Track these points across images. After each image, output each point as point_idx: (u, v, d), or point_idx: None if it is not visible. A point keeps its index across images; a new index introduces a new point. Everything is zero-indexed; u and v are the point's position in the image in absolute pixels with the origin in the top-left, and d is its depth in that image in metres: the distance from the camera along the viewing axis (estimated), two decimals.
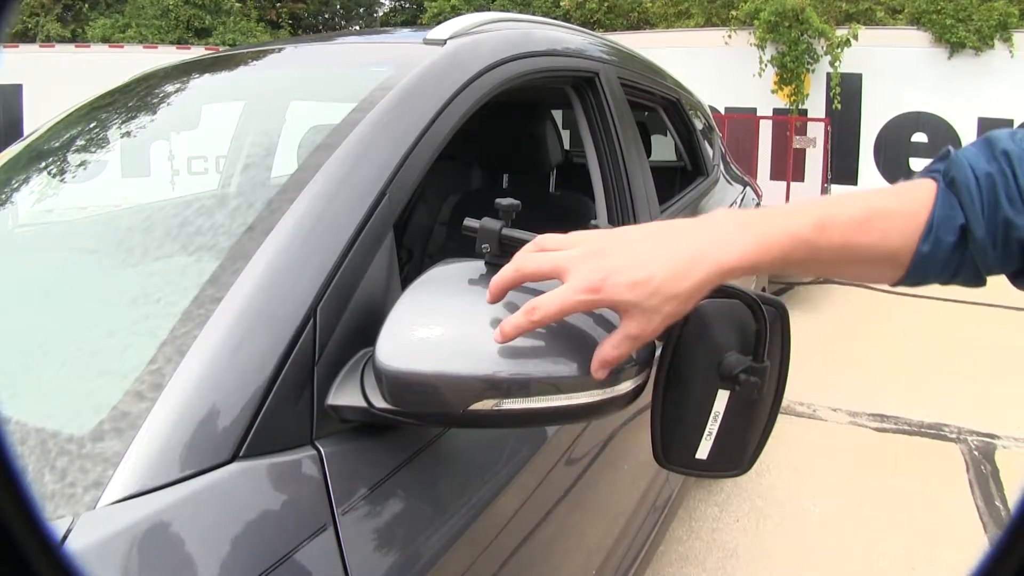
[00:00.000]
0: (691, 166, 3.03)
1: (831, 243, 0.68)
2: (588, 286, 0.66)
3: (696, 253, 0.66)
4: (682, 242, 0.67)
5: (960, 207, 0.67)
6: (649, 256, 0.67)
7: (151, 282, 0.95)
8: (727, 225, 0.68)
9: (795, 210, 0.69)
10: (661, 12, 12.37)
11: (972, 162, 0.68)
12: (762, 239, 0.67)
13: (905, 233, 0.68)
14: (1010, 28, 8.56)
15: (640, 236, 0.70)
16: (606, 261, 0.67)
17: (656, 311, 0.66)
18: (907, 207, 0.69)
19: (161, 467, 0.68)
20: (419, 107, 1.09)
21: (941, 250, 0.68)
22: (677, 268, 0.66)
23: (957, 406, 3.74)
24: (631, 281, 0.66)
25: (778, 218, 0.68)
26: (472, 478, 0.98)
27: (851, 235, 0.68)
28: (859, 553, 2.56)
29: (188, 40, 13.39)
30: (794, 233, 0.67)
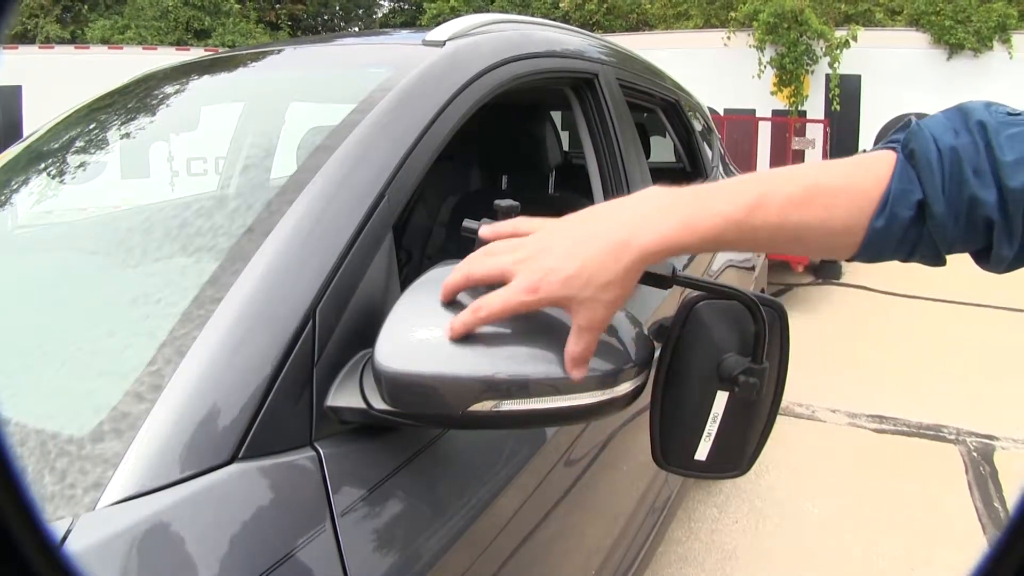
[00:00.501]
0: (690, 167, 3.03)
1: (767, 222, 0.66)
2: (527, 287, 0.68)
3: (621, 238, 0.67)
4: (609, 228, 0.68)
5: (919, 181, 0.65)
6: (579, 249, 0.68)
7: (150, 283, 0.95)
8: (651, 206, 0.68)
9: (733, 187, 0.68)
10: (660, 13, 12.38)
11: (936, 134, 0.66)
12: (687, 220, 0.66)
13: (854, 209, 0.66)
14: (1009, 29, 8.57)
15: (574, 228, 0.71)
16: (543, 260, 0.68)
17: (595, 300, 0.68)
18: (858, 182, 0.67)
19: (160, 468, 0.68)
20: (418, 108, 1.09)
21: (896, 225, 0.66)
22: (604, 256, 0.67)
23: (956, 407, 3.74)
24: (563, 277, 0.67)
25: (710, 198, 0.67)
26: (471, 479, 0.98)
27: (789, 213, 0.66)
28: (858, 554, 2.57)
29: (187, 41, 13.39)
30: (725, 214, 0.66)
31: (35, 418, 0.75)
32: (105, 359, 0.85)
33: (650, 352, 0.84)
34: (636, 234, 0.67)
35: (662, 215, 0.67)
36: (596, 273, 0.67)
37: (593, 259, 0.67)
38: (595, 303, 0.68)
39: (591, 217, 0.71)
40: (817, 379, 4.00)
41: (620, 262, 0.67)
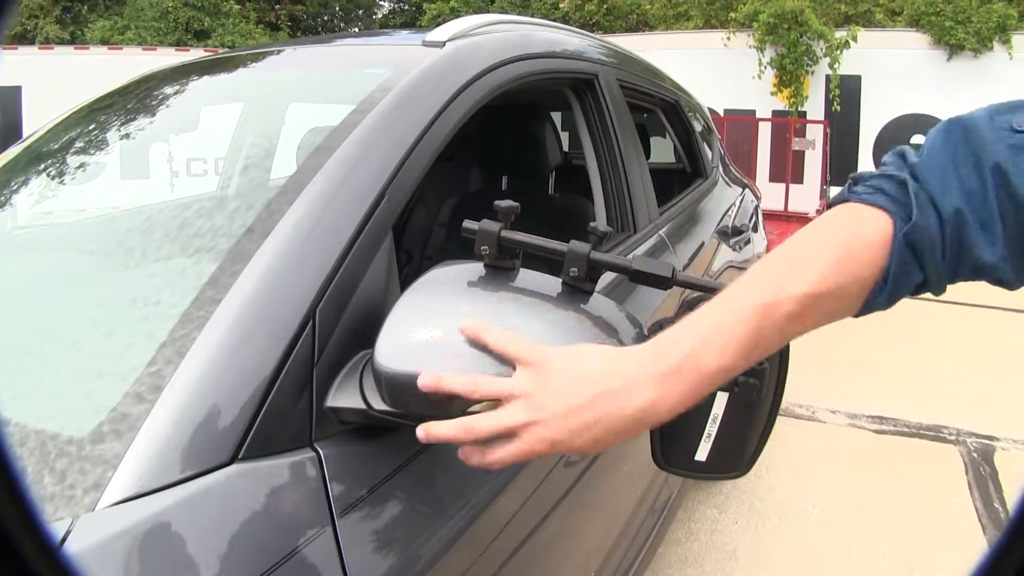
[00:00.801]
0: (690, 168, 3.03)
1: (768, 349, 0.66)
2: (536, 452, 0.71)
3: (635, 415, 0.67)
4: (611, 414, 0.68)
5: (919, 267, 0.63)
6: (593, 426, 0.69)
7: (150, 284, 0.95)
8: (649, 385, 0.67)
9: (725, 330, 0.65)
10: (660, 14, 12.38)
11: (936, 194, 0.62)
12: (689, 392, 0.67)
13: (852, 303, 0.66)
14: (1009, 30, 8.57)
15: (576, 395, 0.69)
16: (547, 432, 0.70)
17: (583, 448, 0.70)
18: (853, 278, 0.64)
19: (160, 469, 0.68)
20: (418, 109, 1.09)
21: (896, 297, 0.66)
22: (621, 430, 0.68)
23: (956, 408, 3.74)
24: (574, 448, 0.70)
25: (706, 356, 0.66)
26: (471, 480, 0.98)
27: (787, 331, 0.65)
28: (858, 554, 2.56)
29: (187, 42, 13.40)
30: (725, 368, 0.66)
31: (35, 419, 0.75)
32: (105, 360, 0.85)
33: None
34: (651, 411, 0.67)
35: (661, 394, 0.67)
36: (604, 441, 0.69)
37: (609, 434, 0.68)
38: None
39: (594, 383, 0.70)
40: (817, 380, 4.00)
41: (630, 432, 0.69)
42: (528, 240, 0.83)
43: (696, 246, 2.19)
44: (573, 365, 0.71)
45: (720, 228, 2.57)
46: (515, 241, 0.82)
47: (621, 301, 0.97)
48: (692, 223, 2.34)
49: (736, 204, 2.96)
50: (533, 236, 0.84)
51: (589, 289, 0.84)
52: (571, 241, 0.83)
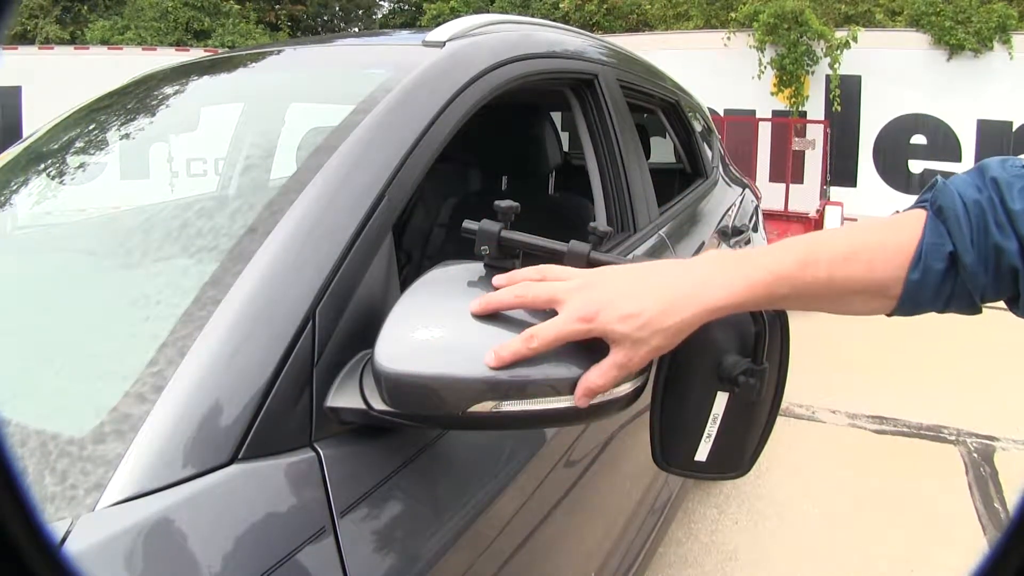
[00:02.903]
0: (690, 168, 3.03)
1: (816, 278, 0.71)
2: (582, 315, 0.70)
3: (686, 291, 0.70)
4: (673, 280, 0.71)
5: (948, 234, 0.70)
6: (641, 291, 0.70)
7: (150, 284, 0.95)
8: (715, 267, 0.72)
9: (781, 248, 0.73)
10: (660, 14, 12.37)
11: (960, 190, 0.71)
12: (747, 279, 0.70)
13: (892, 264, 0.70)
14: (1009, 30, 8.57)
15: (633, 273, 0.73)
16: (599, 293, 0.71)
17: (644, 343, 0.70)
18: (894, 239, 0.71)
19: (160, 469, 0.68)
20: (418, 109, 1.09)
21: (931, 277, 0.70)
22: (667, 304, 0.69)
23: (956, 408, 3.74)
24: (623, 313, 0.69)
25: (763, 257, 0.72)
26: (471, 480, 0.98)
27: (836, 269, 0.70)
28: (858, 555, 2.56)
29: (187, 42, 13.39)
30: (778, 272, 0.70)
31: (35, 419, 0.75)
32: (105, 360, 0.85)
33: None
34: (701, 290, 0.70)
35: (726, 275, 0.71)
36: (656, 318, 0.69)
37: (655, 304, 0.69)
38: (643, 345, 0.70)
39: (651, 268, 0.74)
40: (817, 380, 4.00)
41: (680, 313, 0.70)
42: (528, 240, 0.83)
43: (696, 246, 2.19)
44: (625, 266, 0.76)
45: (720, 228, 2.57)
46: (515, 241, 0.82)
47: None
48: (692, 223, 2.34)
49: (736, 204, 2.96)
50: (533, 236, 0.84)
51: None
52: (571, 241, 0.83)
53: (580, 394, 0.73)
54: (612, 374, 0.71)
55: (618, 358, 0.71)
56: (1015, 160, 0.72)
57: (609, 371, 0.71)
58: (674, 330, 0.70)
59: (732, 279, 0.70)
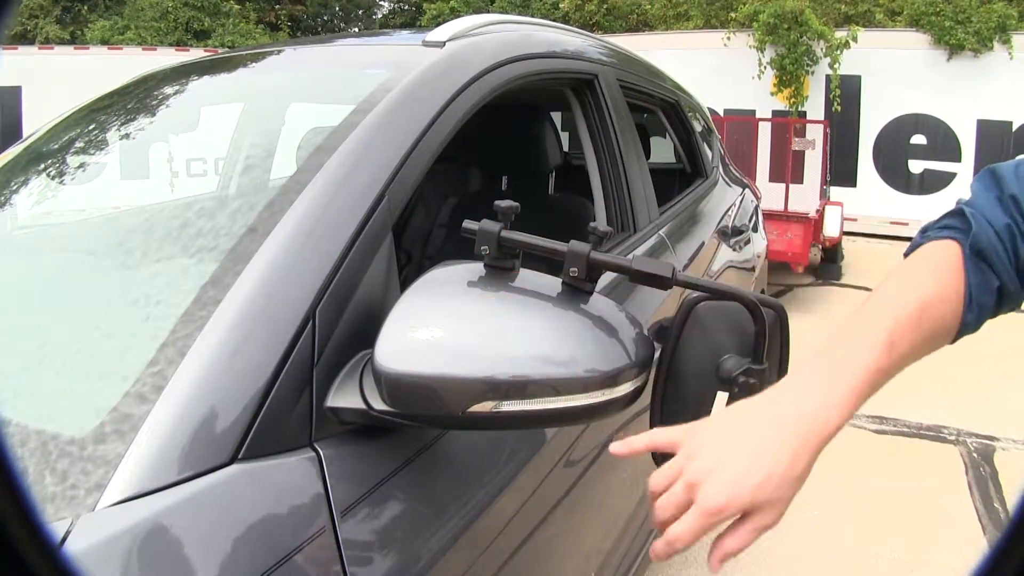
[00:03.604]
0: (690, 168, 3.03)
1: (901, 355, 0.71)
2: (714, 509, 0.66)
3: (803, 432, 0.67)
4: (786, 426, 0.67)
5: (993, 271, 0.74)
6: (762, 453, 0.67)
7: (150, 284, 0.95)
8: (818, 391, 0.69)
9: (864, 333, 0.71)
10: (660, 14, 12.36)
11: (990, 217, 0.74)
12: (851, 390, 0.69)
13: (950, 313, 0.74)
14: (1009, 30, 8.55)
15: (745, 431, 0.69)
16: (722, 477, 0.67)
17: (782, 500, 0.67)
18: (947, 287, 0.74)
19: (160, 469, 0.68)
20: (418, 109, 1.09)
21: (984, 312, 0.75)
22: (788, 455, 0.66)
23: (956, 408, 3.74)
24: (755, 484, 0.66)
25: (855, 355, 0.70)
26: (471, 480, 0.98)
27: (913, 337, 0.72)
28: (858, 555, 2.56)
29: (187, 42, 13.37)
30: (873, 367, 0.70)
31: (35, 419, 0.75)
32: (105, 360, 0.85)
33: (650, 353, 0.85)
34: (814, 425, 0.67)
35: (830, 396, 0.68)
36: (785, 474, 0.66)
37: (782, 459, 0.66)
38: (782, 502, 0.67)
39: (754, 416, 0.70)
40: None
41: (805, 457, 0.67)
42: (528, 240, 0.83)
43: (696, 246, 2.19)
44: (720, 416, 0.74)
45: (720, 228, 2.57)
46: (515, 241, 0.82)
47: (621, 301, 0.97)
48: (692, 223, 2.34)
49: (736, 204, 2.96)
50: (533, 236, 0.84)
51: (589, 289, 0.84)
52: (571, 241, 0.83)
53: (717, 560, 0.70)
54: (750, 538, 0.68)
55: (763, 521, 0.67)
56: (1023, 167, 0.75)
57: (748, 535, 0.68)
58: (804, 473, 0.68)
59: (841, 396, 0.68)
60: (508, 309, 0.82)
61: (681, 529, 0.68)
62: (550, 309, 0.82)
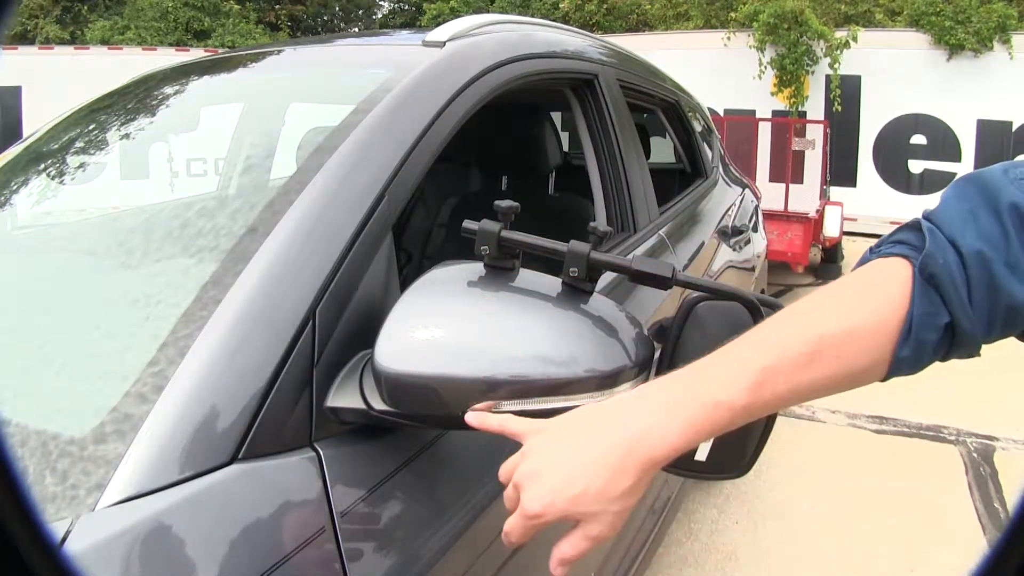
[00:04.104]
0: (690, 168, 3.03)
1: (776, 394, 0.63)
2: (534, 512, 0.65)
3: (625, 451, 0.64)
4: (609, 441, 0.65)
5: (943, 303, 0.61)
6: (580, 465, 0.65)
7: (150, 284, 0.95)
8: (652, 413, 0.65)
9: (728, 366, 0.65)
10: (660, 14, 12.36)
11: (954, 236, 0.61)
12: (691, 421, 0.63)
13: (871, 349, 0.63)
14: (1009, 30, 8.55)
15: (570, 441, 0.67)
16: (547, 480, 0.65)
17: (604, 513, 0.65)
18: (870, 318, 0.63)
19: (160, 469, 0.68)
20: (418, 109, 1.09)
21: (925, 349, 0.63)
22: (610, 472, 0.64)
23: (956, 408, 3.74)
24: (569, 497, 0.64)
25: (707, 387, 0.64)
26: (471, 480, 0.98)
27: (799, 378, 0.63)
28: (858, 555, 2.56)
29: (187, 42, 13.37)
30: (729, 404, 0.63)
31: (36, 419, 0.75)
32: (105, 360, 0.85)
33: (650, 353, 0.85)
34: (640, 446, 0.64)
35: (664, 420, 0.64)
36: (604, 489, 0.64)
37: (599, 475, 0.64)
38: (606, 515, 0.65)
39: (588, 426, 0.68)
40: None
41: (627, 476, 0.64)
42: (528, 240, 0.83)
43: (696, 246, 2.19)
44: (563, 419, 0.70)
45: (720, 228, 2.57)
46: (515, 241, 0.82)
47: (621, 301, 0.97)
48: (692, 223, 2.34)
49: (736, 204, 2.96)
50: (533, 236, 0.84)
51: (589, 289, 0.84)
52: (571, 241, 0.83)
53: (555, 564, 0.68)
54: (583, 545, 0.66)
55: (586, 531, 0.66)
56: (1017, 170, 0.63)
57: (579, 543, 0.66)
58: (628, 491, 0.65)
59: (675, 427, 0.63)
60: (508, 309, 0.82)
61: (510, 527, 0.68)
62: (550, 309, 0.82)
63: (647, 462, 0.64)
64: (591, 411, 0.70)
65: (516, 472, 0.68)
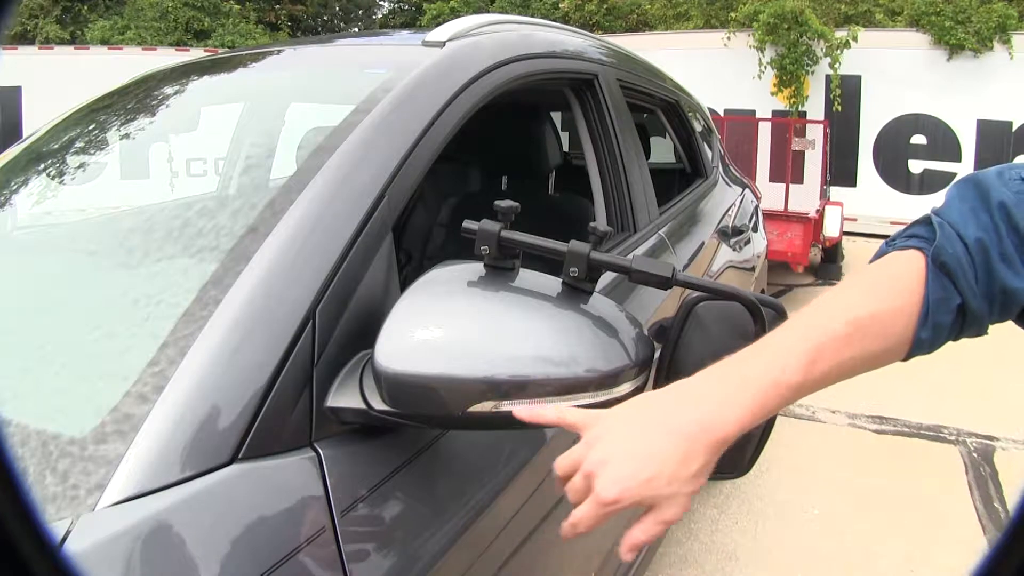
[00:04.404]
0: (690, 168, 3.03)
1: (824, 372, 0.69)
2: (607, 500, 0.67)
3: (695, 433, 0.68)
4: (680, 425, 0.68)
5: (954, 287, 0.68)
6: (652, 449, 0.68)
7: (151, 284, 0.95)
8: (718, 396, 0.69)
9: (782, 350, 0.70)
10: (660, 14, 12.36)
11: (960, 228, 0.69)
12: (756, 399, 0.68)
13: (896, 329, 0.70)
14: (1009, 30, 8.55)
15: (640, 426, 0.70)
16: (621, 467, 0.68)
17: (678, 495, 0.68)
18: (893, 302, 0.70)
19: (161, 469, 0.69)
20: (418, 109, 1.09)
21: (941, 330, 0.70)
22: (681, 454, 0.67)
23: (956, 407, 3.74)
24: (644, 481, 0.67)
25: (765, 368, 0.69)
26: (471, 480, 0.98)
27: (841, 355, 0.69)
28: (858, 555, 2.56)
29: (187, 42, 13.37)
30: (786, 383, 0.68)
31: (36, 419, 0.75)
32: (105, 360, 0.85)
33: (650, 352, 0.85)
34: (712, 426, 0.68)
35: (731, 401, 0.68)
36: (677, 471, 0.67)
37: (672, 458, 0.67)
38: (679, 497, 0.68)
39: (654, 412, 0.71)
40: None
41: (697, 457, 0.68)
42: (528, 240, 0.83)
43: (696, 246, 2.19)
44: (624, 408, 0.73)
45: (720, 228, 2.57)
46: (515, 241, 0.82)
47: (621, 301, 0.97)
48: (692, 223, 2.34)
49: (736, 204, 2.96)
50: (533, 236, 0.84)
51: (589, 289, 0.84)
52: (571, 241, 0.83)
53: (626, 549, 0.71)
54: (656, 530, 0.69)
55: (660, 515, 0.69)
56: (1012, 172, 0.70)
57: (653, 527, 0.69)
58: (698, 471, 0.68)
59: (739, 407, 0.68)
60: (508, 309, 0.82)
61: (581, 515, 0.69)
62: (550, 309, 0.82)
63: (716, 442, 0.68)
64: (654, 397, 0.73)
65: (586, 461, 0.69)
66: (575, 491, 0.70)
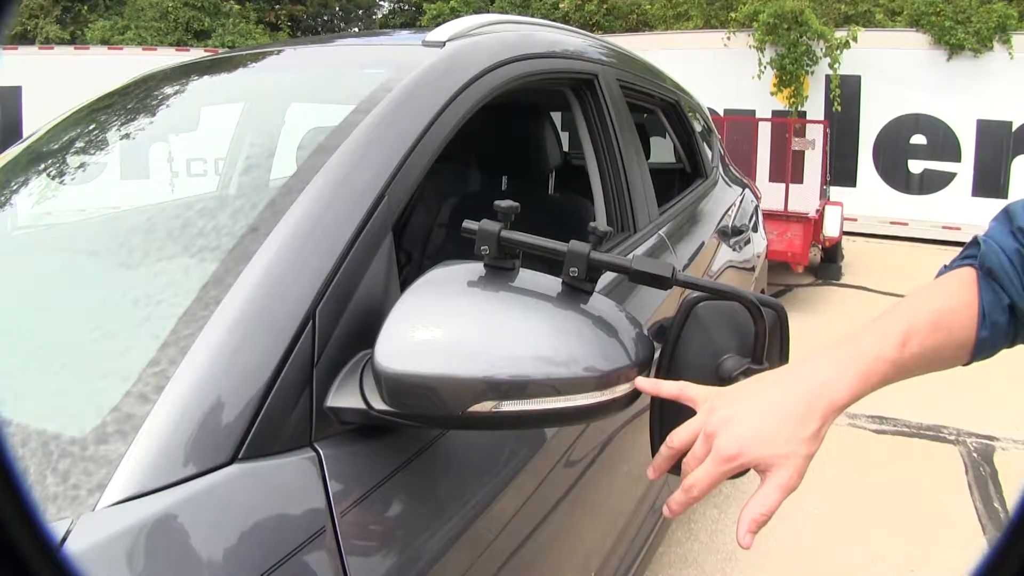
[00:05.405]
0: (690, 168, 3.03)
1: (913, 354, 0.76)
2: (728, 455, 0.72)
3: (812, 398, 0.73)
4: (796, 392, 0.74)
5: (1002, 289, 0.77)
6: (773, 412, 0.73)
7: (151, 284, 0.95)
8: (831, 367, 0.75)
9: (880, 332, 0.77)
10: (660, 14, 12.35)
11: (1001, 244, 0.78)
12: (863, 373, 0.75)
13: (965, 324, 0.78)
14: (1009, 30, 8.54)
15: (759, 393, 0.76)
16: (738, 427, 0.73)
17: (794, 456, 0.71)
18: (960, 301, 0.79)
19: (161, 469, 0.69)
20: (418, 109, 1.09)
21: (998, 330, 0.78)
22: (800, 416, 0.72)
23: (956, 408, 3.74)
24: (763, 438, 0.72)
25: (869, 346, 0.76)
26: (471, 480, 0.98)
27: (927, 340, 0.77)
28: (858, 555, 2.56)
29: (187, 42, 13.36)
30: (885, 358, 0.75)
31: (36, 419, 0.75)
32: (106, 360, 0.85)
33: (650, 352, 0.85)
34: (824, 394, 0.73)
35: (841, 373, 0.75)
36: (795, 431, 0.72)
37: (790, 418, 0.72)
38: (795, 458, 0.71)
39: (772, 381, 0.77)
40: None
41: (814, 418, 0.72)
42: (528, 240, 0.83)
43: (696, 246, 2.19)
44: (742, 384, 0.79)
45: (720, 228, 2.57)
46: (515, 241, 0.82)
47: (621, 301, 0.97)
48: (692, 223, 2.34)
49: (736, 204, 2.97)
50: (533, 236, 0.84)
51: (589, 289, 0.84)
52: (571, 241, 0.83)
53: (745, 531, 0.72)
54: (775, 497, 0.71)
55: (778, 480, 0.71)
56: None
57: (772, 494, 0.71)
58: (815, 434, 0.72)
59: (849, 376, 0.74)
60: (508, 309, 0.82)
61: (697, 477, 0.73)
62: (550, 309, 0.82)
63: (831, 407, 0.73)
64: (770, 374, 0.79)
65: (708, 423, 0.74)
66: (695, 457, 0.74)
